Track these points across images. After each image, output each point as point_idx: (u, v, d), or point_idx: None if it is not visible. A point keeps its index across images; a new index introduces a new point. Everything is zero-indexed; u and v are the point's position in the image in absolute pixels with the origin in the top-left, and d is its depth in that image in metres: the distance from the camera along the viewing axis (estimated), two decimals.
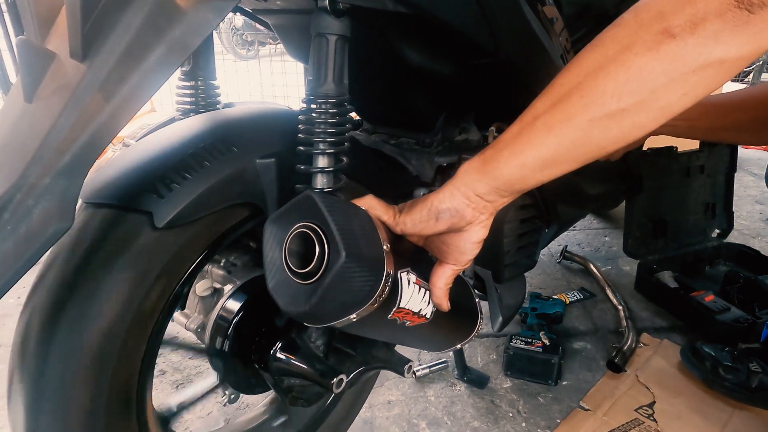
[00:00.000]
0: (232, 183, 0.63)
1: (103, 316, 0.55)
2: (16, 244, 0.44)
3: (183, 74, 0.87)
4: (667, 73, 0.44)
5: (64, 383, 0.55)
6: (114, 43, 0.47)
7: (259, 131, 0.69)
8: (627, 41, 0.46)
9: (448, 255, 0.60)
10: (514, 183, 0.54)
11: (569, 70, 0.50)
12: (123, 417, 0.61)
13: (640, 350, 1.44)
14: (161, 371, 1.38)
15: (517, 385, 1.33)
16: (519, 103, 0.54)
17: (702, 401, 1.25)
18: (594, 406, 1.24)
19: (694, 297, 1.54)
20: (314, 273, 0.52)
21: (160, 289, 0.60)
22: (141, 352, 0.61)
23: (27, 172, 0.45)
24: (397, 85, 0.90)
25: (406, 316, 0.60)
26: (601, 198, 1.53)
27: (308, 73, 0.65)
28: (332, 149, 0.66)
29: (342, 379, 0.69)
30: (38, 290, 0.57)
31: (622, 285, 1.80)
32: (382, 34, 0.76)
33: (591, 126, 0.48)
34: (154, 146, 0.63)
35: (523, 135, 0.52)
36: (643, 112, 0.47)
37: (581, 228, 2.27)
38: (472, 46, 0.78)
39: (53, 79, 0.48)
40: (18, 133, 0.49)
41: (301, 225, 0.54)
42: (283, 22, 0.87)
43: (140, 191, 0.58)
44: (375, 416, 1.23)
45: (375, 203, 0.60)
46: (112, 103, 0.47)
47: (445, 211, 0.56)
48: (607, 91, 0.47)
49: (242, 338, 0.74)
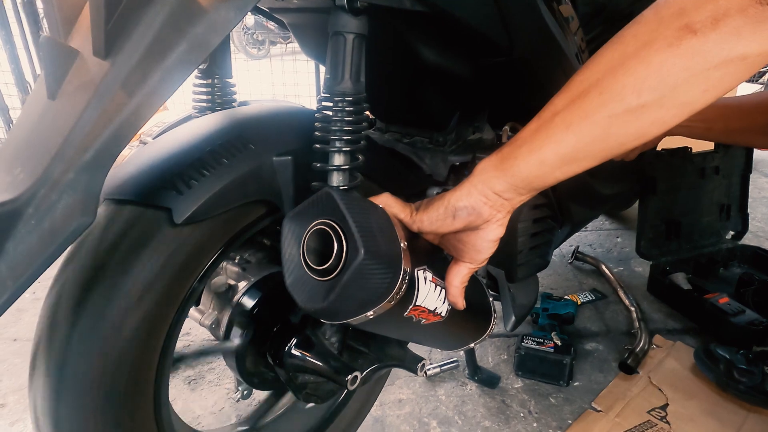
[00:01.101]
0: (249, 180, 0.64)
1: (122, 310, 0.56)
2: (40, 238, 0.45)
3: (200, 72, 0.88)
4: (688, 68, 0.44)
5: (84, 377, 0.55)
6: (136, 41, 0.47)
7: (276, 129, 0.70)
8: (647, 38, 0.46)
9: (464, 253, 0.60)
10: (533, 180, 0.54)
11: (588, 67, 0.50)
12: (140, 411, 0.62)
13: (652, 352, 1.43)
14: (174, 367, 1.39)
15: (528, 386, 1.33)
16: (534, 102, 0.54)
17: (716, 404, 1.24)
18: (606, 408, 1.23)
19: (708, 299, 1.53)
20: (332, 270, 0.52)
21: (178, 285, 0.60)
22: (158, 347, 0.62)
23: (50, 168, 0.45)
24: (411, 84, 0.90)
25: (422, 314, 0.60)
26: (615, 198, 1.52)
27: (325, 71, 0.66)
28: (348, 147, 0.66)
29: (356, 376, 0.69)
30: (58, 285, 0.58)
31: (635, 286, 1.78)
32: (399, 33, 0.76)
33: (610, 122, 0.48)
34: (172, 143, 0.63)
35: (541, 131, 0.52)
36: (663, 109, 0.46)
37: (593, 229, 2.26)
38: (487, 45, 0.78)
39: (76, 77, 0.49)
40: (41, 130, 0.49)
41: (320, 222, 0.54)
42: (300, 20, 0.88)
43: (160, 188, 0.59)
44: (386, 414, 1.23)
45: (392, 201, 0.61)
46: (134, 100, 0.47)
47: (462, 209, 0.56)
48: (626, 86, 0.46)
49: (256, 335, 0.75)
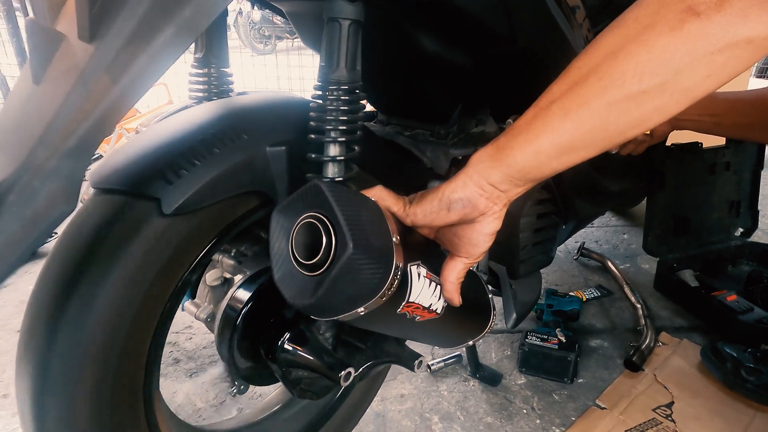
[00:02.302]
0: (241, 171, 0.62)
1: (110, 302, 0.55)
2: (22, 225, 0.44)
3: (196, 61, 0.87)
4: (691, 52, 0.42)
5: (69, 370, 0.54)
6: (122, 24, 0.46)
7: (270, 119, 0.68)
8: (648, 21, 0.44)
9: (460, 248, 0.58)
10: (529, 171, 0.52)
11: (587, 53, 0.48)
12: (129, 407, 0.61)
13: (658, 349, 1.41)
14: (175, 360, 1.39)
15: (532, 382, 1.31)
16: (537, 94, 0.52)
17: (722, 403, 1.22)
18: (610, 405, 1.21)
19: (715, 296, 1.50)
20: (321, 264, 0.51)
21: (168, 277, 0.59)
22: (148, 340, 0.60)
23: (34, 154, 0.44)
24: (412, 75, 0.88)
25: (416, 311, 0.59)
26: (622, 195, 1.50)
27: (320, 59, 0.64)
28: (344, 138, 0.65)
29: (350, 372, 0.68)
30: (46, 275, 0.57)
31: (641, 283, 1.76)
32: (397, 21, 0.75)
33: (609, 109, 0.46)
34: (163, 132, 0.62)
35: (538, 120, 0.50)
36: (666, 95, 0.44)
37: (599, 225, 2.23)
38: (489, 34, 0.76)
39: (61, 61, 0.48)
40: (26, 115, 0.48)
41: (308, 215, 0.53)
42: (297, 9, 0.86)
43: (149, 177, 0.57)
44: (387, 409, 1.22)
45: (384, 194, 0.59)
46: (119, 84, 0.46)
47: (457, 201, 0.54)
48: (627, 72, 0.45)
49: (251, 329, 0.74)
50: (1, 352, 1.42)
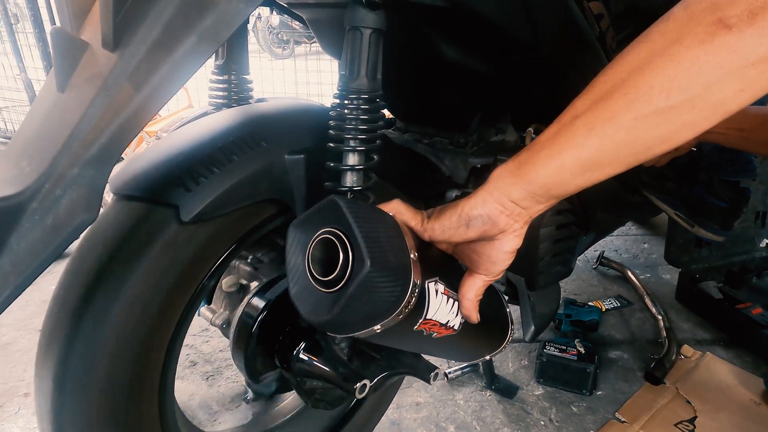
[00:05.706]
0: (259, 178, 0.62)
1: (128, 307, 0.55)
2: (43, 233, 0.44)
3: (216, 68, 0.87)
4: (722, 66, 0.41)
5: (87, 374, 0.55)
6: (145, 33, 0.46)
7: (289, 126, 0.68)
8: (677, 35, 0.43)
9: (478, 264, 0.56)
10: (552, 187, 0.50)
11: (612, 67, 0.47)
12: (145, 409, 0.61)
13: (680, 362, 1.37)
14: (192, 362, 1.40)
15: (550, 393, 1.29)
16: (559, 103, 0.51)
17: (747, 418, 1.18)
18: (631, 418, 1.19)
19: (740, 309, 1.47)
20: (338, 281, 0.50)
21: (185, 283, 0.59)
22: (165, 344, 0.61)
23: (56, 162, 0.45)
24: (432, 82, 0.87)
25: (433, 328, 0.57)
26: (644, 206, 1.47)
27: (341, 67, 0.64)
28: (363, 146, 0.64)
29: (365, 384, 0.67)
30: (66, 280, 0.58)
31: (662, 294, 1.73)
32: (418, 29, 0.74)
33: (636, 125, 0.45)
34: (183, 139, 0.62)
35: (561, 135, 0.49)
36: (695, 110, 0.43)
37: (619, 234, 2.19)
38: (511, 42, 0.75)
39: (85, 69, 0.48)
40: (50, 123, 0.49)
41: (325, 231, 0.52)
42: (318, 16, 0.86)
43: (168, 184, 0.58)
44: (403, 417, 1.21)
45: (402, 208, 0.57)
46: (141, 93, 0.46)
47: (476, 218, 0.53)
48: (654, 86, 0.43)
49: (266, 337, 0.73)
50: (23, 351, 1.44)
